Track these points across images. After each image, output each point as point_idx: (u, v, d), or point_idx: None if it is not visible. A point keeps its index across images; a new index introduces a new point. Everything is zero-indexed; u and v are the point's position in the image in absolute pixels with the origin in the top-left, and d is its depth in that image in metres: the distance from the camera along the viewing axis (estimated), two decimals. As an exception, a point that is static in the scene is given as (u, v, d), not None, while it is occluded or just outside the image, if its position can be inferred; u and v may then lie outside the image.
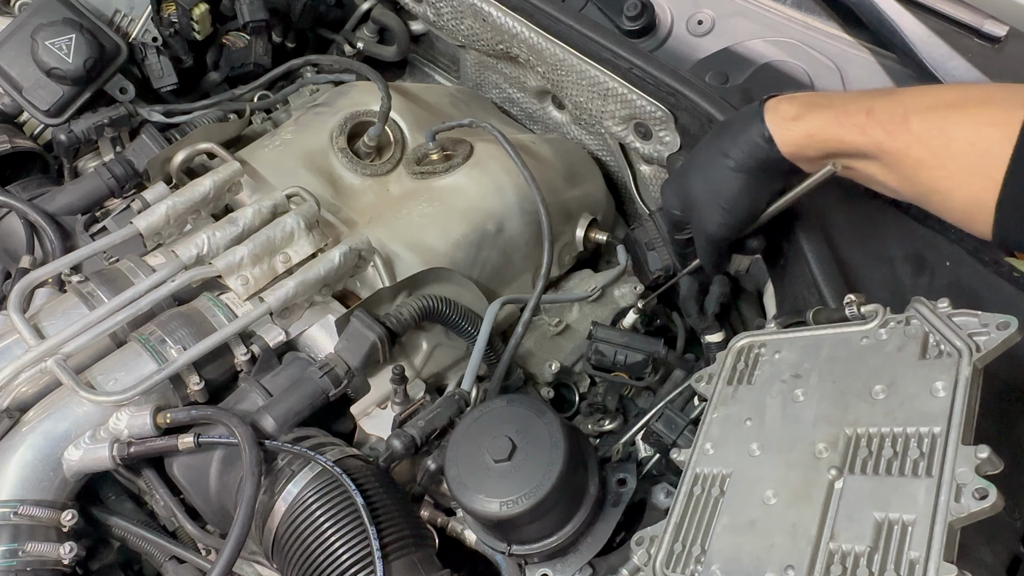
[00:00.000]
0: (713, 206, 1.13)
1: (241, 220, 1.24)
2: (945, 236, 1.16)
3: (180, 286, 1.18)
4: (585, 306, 1.48)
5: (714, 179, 1.12)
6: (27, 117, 1.55)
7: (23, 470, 1.06)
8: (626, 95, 1.39)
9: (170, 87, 1.62)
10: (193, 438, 1.06)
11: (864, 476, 0.79)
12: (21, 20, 1.44)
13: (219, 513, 1.12)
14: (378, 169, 1.49)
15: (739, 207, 1.12)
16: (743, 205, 1.12)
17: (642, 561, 0.87)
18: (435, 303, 1.23)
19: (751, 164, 1.08)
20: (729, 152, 1.09)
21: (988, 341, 0.81)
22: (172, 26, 1.64)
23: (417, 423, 1.09)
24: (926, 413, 0.79)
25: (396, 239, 1.34)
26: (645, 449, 1.15)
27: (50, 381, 1.13)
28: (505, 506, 0.91)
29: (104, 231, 1.35)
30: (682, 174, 1.18)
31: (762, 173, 1.09)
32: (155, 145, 1.45)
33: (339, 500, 0.99)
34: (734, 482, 0.87)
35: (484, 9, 1.52)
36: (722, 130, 1.13)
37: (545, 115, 1.69)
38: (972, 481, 0.72)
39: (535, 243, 1.44)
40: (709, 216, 1.14)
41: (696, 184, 1.14)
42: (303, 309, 1.23)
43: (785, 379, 0.94)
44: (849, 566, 0.73)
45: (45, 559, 1.05)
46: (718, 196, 1.12)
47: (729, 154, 1.09)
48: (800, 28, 1.47)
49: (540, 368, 1.39)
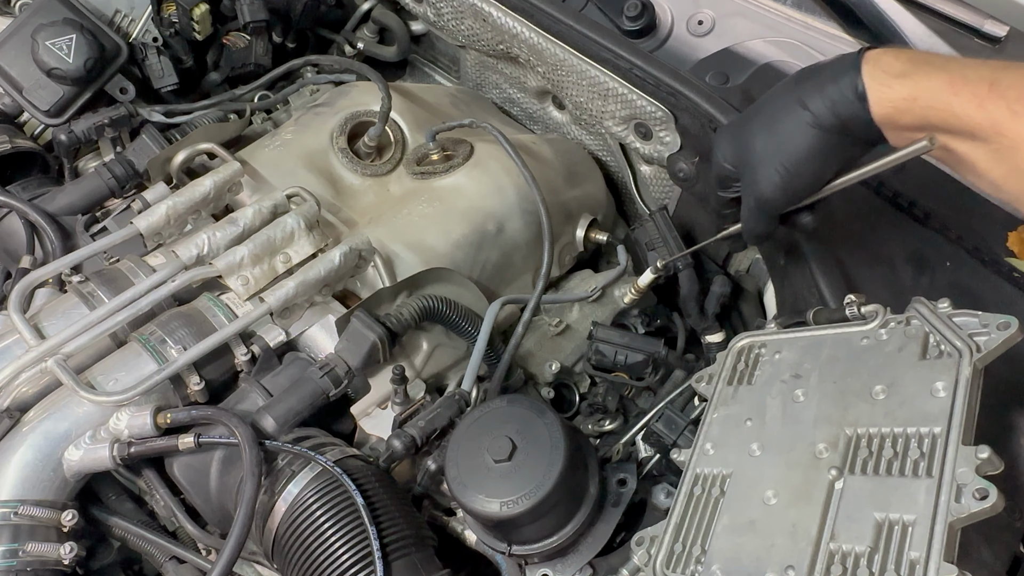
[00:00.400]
0: (773, 164, 0.97)
1: (241, 220, 1.24)
2: (945, 236, 1.16)
3: (180, 286, 1.18)
4: (585, 306, 1.48)
5: (783, 132, 0.96)
6: (27, 117, 1.55)
7: (23, 470, 1.06)
8: (626, 95, 1.39)
9: (170, 87, 1.62)
10: (193, 438, 1.06)
11: (864, 476, 0.79)
12: (21, 20, 1.45)
13: (219, 513, 1.12)
14: (378, 169, 1.49)
15: (803, 171, 0.96)
16: (808, 169, 0.96)
17: (642, 561, 0.87)
18: (435, 303, 1.23)
19: (831, 121, 0.92)
20: (809, 102, 0.93)
21: (988, 341, 0.82)
22: (172, 26, 1.64)
23: (417, 423, 1.09)
24: (926, 413, 0.79)
25: (396, 239, 1.34)
26: (645, 449, 1.15)
27: (50, 381, 1.13)
28: (505, 506, 0.91)
29: (104, 231, 1.35)
30: (744, 122, 1.03)
31: (840, 135, 0.93)
32: (155, 145, 1.45)
33: (339, 500, 0.99)
34: (734, 482, 0.87)
35: (484, 9, 1.52)
36: (807, 76, 0.96)
37: (545, 115, 1.69)
38: (972, 481, 0.72)
39: (535, 243, 1.44)
40: (766, 175, 0.98)
41: (759, 135, 0.99)
42: (303, 309, 1.23)
43: (785, 379, 0.94)
44: (849, 566, 0.73)
45: (45, 559, 1.04)
46: (782, 153, 0.96)
47: (809, 105, 0.93)
48: (800, 28, 1.47)
49: (540, 368, 1.39)
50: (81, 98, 1.46)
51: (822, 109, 0.92)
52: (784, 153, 0.96)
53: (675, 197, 1.51)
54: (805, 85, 0.95)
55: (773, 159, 0.97)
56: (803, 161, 0.96)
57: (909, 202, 1.20)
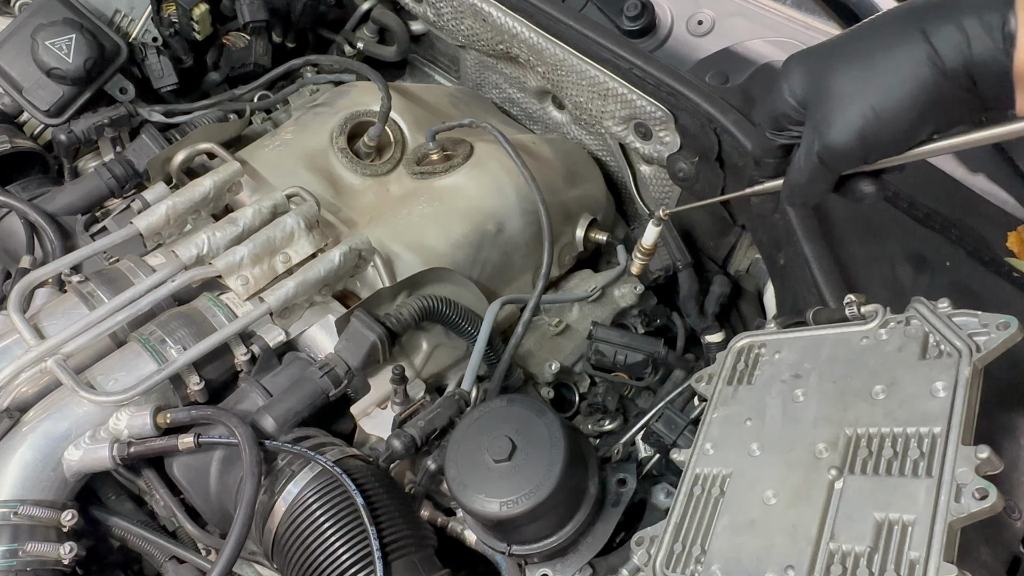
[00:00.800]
0: (859, 105, 0.76)
1: (241, 220, 1.24)
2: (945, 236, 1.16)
3: (180, 286, 1.18)
4: (585, 306, 1.48)
5: (885, 66, 0.76)
6: (27, 117, 1.55)
7: (23, 470, 1.06)
8: (626, 95, 1.39)
9: (170, 87, 1.62)
10: (193, 438, 1.06)
11: (864, 476, 0.78)
12: (21, 20, 1.45)
13: (219, 513, 1.12)
14: (378, 169, 1.49)
15: (897, 121, 0.76)
16: (904, 120, 0.76)
17: (642, 561, 0.87)
18: (435, 303, 1.23)
19: (956, 63, 0.72)
20: (934, 33, 0.73)
21: (988, 341, 0.81)
22: (172, 26, 1.64)
23: (417, 423, 1.09)
24: (926, 413, 0.79)
25: (396, 239, 1.34)
26: (645, 449, 1.15)
27: (50, 381, 1.13)
28: (505, 506, 0.91)
29: (104, 231, 1.35)
30: (830, 49, 0.82)
31: (958, 84, 0.73)
32: (155, 145, 1.45)
33: (339, 500, 0.99)
34: (734, 482, 0.87)
35: (484, 9, 1.52)
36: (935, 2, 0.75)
37: (545, 115, 1.69)
38: (972, 481, 0.71)
39: (535, 243, 1.44)
40: (845, 119, 0.77)
41: (849, 66, 0.78)
42: (303, 309, 1.23)
43: (785, 379, 0.94)
44: (849, 566, 0.73)
45: (45, 559, 1.04)
46: (876, 92, 0.76)
47: (933, 36, 0.73)
48: (800, 28, 1.47)
49: (540, 368, 1.39)
50: (81, 98, 1.46)
51: (950, 44, 0.72)
52: (879, 92, 0.76)
53: (675, 197, 1.51)
54: (934, 12, 0.74)
55: (861, 98, 0.76)
56: (902, 107, 0.75)
57: (909, 202, 1.20)
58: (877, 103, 0.76)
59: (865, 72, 0.77)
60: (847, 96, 0.77)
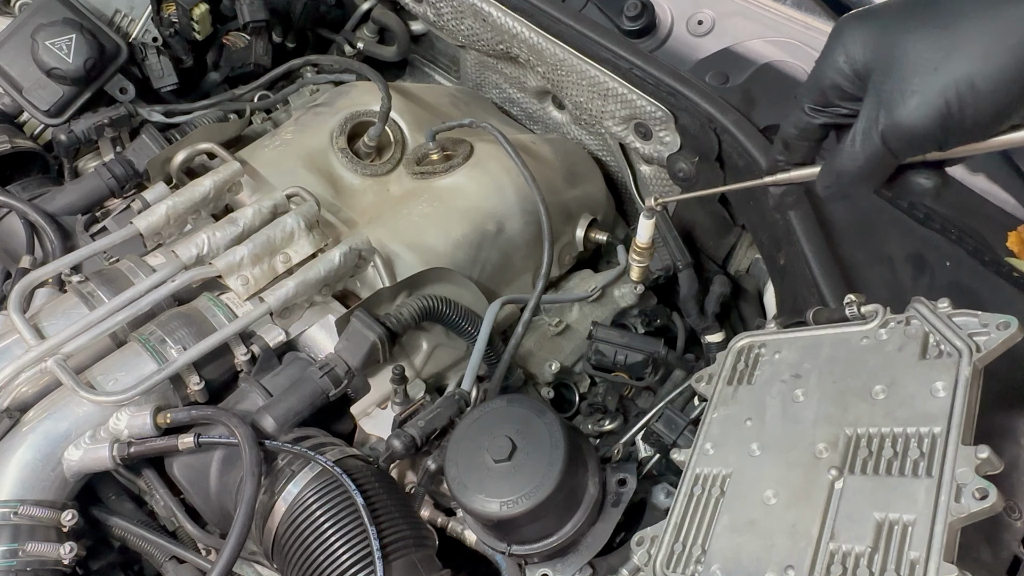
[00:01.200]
0: (944, 76, 0.62)
1: (241, 220, 1.24)
2: (945, 236, 1.16)
3: (180, 286, 1.18)
4: (585, 306, 1.48)
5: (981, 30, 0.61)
6: (27, 117, 1.55)
7: (23, 470, 1.06)
8: (626, 95, 1.39)
9: (170, 87, 1.62)
10: (193, 438, 1.06)
11: (864, 476, 0.78)
12: (21, 20, 1.45)
13: (219, 513, 1.12)
14: (378, 169, 1.49)
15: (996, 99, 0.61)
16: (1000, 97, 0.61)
17: (642, 561, 0.87)
18: (435, 303, 1.23)
19: None
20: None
21: (988, 341, 0.81)
22: (172, 26, 1.64)
23: (417, 423, 1.09)
24: (926, 413, 0.79)
25: (396, 239, 1.34)
26: (645, 449, 1.15)
27: (50, 381, 1.13)
28: (505, 506, 0.91)
29: (104, 231, 1.35)
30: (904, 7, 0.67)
31: None
32: (155, 145, 1.45)
33: (339, 500, 0.99)
34: (734, 482, 0.87)
35: (484, 9, 1.52)
36: None
37: (545, 115, 1.69)
38: (972, 481, 0.71)
39: (535, 243, 1.44)
40: (924, 92, 0.63)
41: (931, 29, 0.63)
42: (303, 309, 1.23)
43: (785, 379, 0.94)
44: (849, 566, 0.73)
45: (45, 559, 1.05)
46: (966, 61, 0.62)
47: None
48: (800, 28, 1.47)
49: (540, 368, 1.39)
50: (81, 98, 1.46)
51: None
52: (972, 61, 0.61)
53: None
54: None
55: (946, 68, 0.62)
56: (1005, 81, 0.60)
57: (909, 202, 1.20)
58: (977, 74, 0.61)
59: (953, 36, 0.62)
60: (928, 64, 0.63)
